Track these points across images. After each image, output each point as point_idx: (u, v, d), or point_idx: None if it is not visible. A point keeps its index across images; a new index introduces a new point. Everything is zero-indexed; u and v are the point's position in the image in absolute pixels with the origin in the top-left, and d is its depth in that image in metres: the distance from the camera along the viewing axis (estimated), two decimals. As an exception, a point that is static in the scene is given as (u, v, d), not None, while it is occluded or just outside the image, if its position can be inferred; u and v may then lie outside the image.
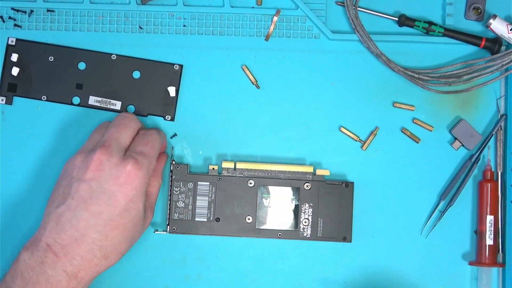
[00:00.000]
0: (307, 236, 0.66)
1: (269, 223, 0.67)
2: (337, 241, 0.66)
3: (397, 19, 0.68)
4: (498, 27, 0.67)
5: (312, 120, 0.69)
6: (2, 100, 0.68)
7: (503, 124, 0.68)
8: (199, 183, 0.66)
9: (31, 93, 0.68)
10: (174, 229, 0.66)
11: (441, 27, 0.68)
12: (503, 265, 0.67)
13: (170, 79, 0.69)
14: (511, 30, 0.67)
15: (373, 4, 0.69)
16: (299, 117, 0.69)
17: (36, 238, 0.58)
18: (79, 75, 0.69)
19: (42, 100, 0.68)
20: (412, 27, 0.68)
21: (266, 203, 0.67)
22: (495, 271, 0.68)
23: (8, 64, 0.69)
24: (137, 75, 0.69)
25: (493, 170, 0.68)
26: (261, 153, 0.68)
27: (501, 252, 0.67)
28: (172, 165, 0.66)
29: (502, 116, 0.68)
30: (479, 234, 0.67)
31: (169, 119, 0.68)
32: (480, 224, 0.67)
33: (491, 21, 0.67)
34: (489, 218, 0.66)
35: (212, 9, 0.69)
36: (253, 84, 0.69)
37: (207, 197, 0.66)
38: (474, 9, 0.69)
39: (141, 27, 0.69)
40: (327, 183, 0.67)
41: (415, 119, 0.68)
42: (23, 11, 0.69)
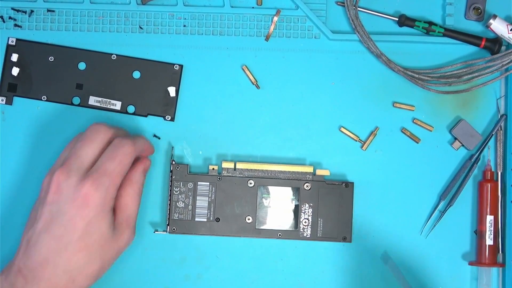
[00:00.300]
0: (307, 236, 0.67)
1: (269, 223, 0.67)
2: (337, 241, 0.66)
3: (397, 19, 0.68)
4: (498, 27, 0.67)
5: (312, 120, 0.69)
6: (2, 100, 0.68)
7: (503, 124, 0.68)
8: (199, 183, 0.66)
9: (31, 93, 0.69)
10: (174, 229, 0.66)
11: (441, 27, 0.68)
12: (503, 265, 0.67)
13: (170, 79, 0.69)
14: (511, 30, 0.67)
15: (373, 4, 0.69)
16: (299, 117, 0.69)
17: (11, 261, 0.58)
18: (79, 75, 0.69)
19: (42, 100, 0.68)
20: (412, 27, 0.68)
21: (266, 203, 0.67)
22: (495, 271, 0.68)
23: (8, 64, 0.69)
24: (137, 75, 0.69)
25: (493, 170, 0.68)
26: (261, 153, 0.68)
27: (501, 252, 0.67)
28: (172, 165, 0.66)
29: (502, 116, 0.68)
30: (479, 234, 0.67)
31: (169, 119, 0.68)
32: (480, 224, 0.67)
33: (491, 21, 0.67)
34: (489, 218, 0.67)
35: (212, 9, 0.69)
36: (253, 84, 0.69)
37: (207, 197, 0.66)
38: (474, 9, 0.69)
39: (141, 27, 0.69)
40: (327, 183, 0.67)
41: (415, 119, 0.68)
42: (23, 11, 0.69)
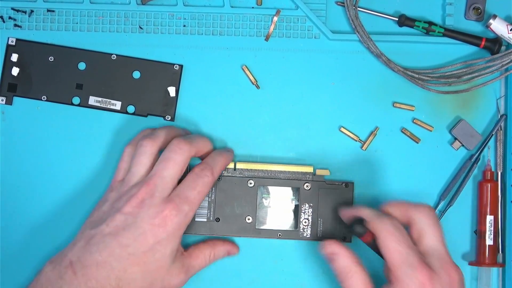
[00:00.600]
0: (307, 236, 0.67)
1: (269, 223, 0.67)
2: (337, 241, 0.66)
3: (397, 19, 0.68)
4: (498, 27, 0.67)
5: (312, 120, 0.69)
6: (2, 100, 0.68)
7: (503, 124, 0.68)
8: (199, 183, 0.66)
9: (31, 93, 0.68)
10: (174, 229, 0.66)
11: (441, 27, 0.68)
12: (503, 265, 0.67)
13: (170, 79, 0.69)
14: (511, 30, 0.67)
15: (373, 4, 0.69)
16: (299, 117, 0.69)
17: (62, 253, 0.59)
18: (79, 75, 0.69)
19: (42, 100, 0.68)
20: (412, 27, 0.68)
21: (266, 203, 0.67)
22: (495, 271, 0.68)
23: (8, 64, 0.69)
24: (137, 75, 0.69)
25: (493, 170, 0.68)
26: (261, 153, 0.68)
27: (501, 252, 0.67)
28: (172, 165, 0.66)
29: (502, 116, 0.68)
30: (479, 234, 0.67)
31: (169, 119, 0.68)
32: (480, 224, 0.67)
33: (491, 21, 0.67)
34: (489, 218, 0.67)
35: (212, 9, 0.69)
36: (253, 84, 0.69)
37: (207, 197, 0.66)
38: (474, 9, 0.69)
39: (141, 27, 0.69)
40: (327, 183, 0.67)
41: (415, 119, 0.68)
42: (23, 11, 0.69)
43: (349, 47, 0.69)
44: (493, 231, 0.66)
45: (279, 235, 0.67)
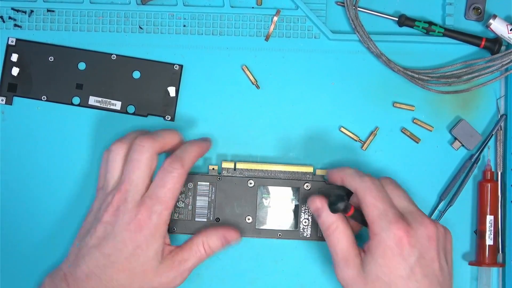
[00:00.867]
0: (307, 236, 0.67)
1: (269, 223, 0.67)
2: (337, 241, 0.66)
3: (397, 19, 0.68)
4: (498, 27, 0.67)
5: (312, 120, 0.69)
6: (2, 100, 0.68)
7: (503, 124, 0.68)
8: (199, 183, 0.67)
9: (31, 93, 0.69)
10: (174, 229, 0.66)
11: (441, 27, 0.68)
12: (503, 265, 0.67)
13: (170, 79, 0.69)
14: (511, 30, 0.67)
15: (373, 4, 0.69)
16: (299, 117, 0.68)
17: (59, 267, 0.60)
18: (79, 75, 0.69)
19: (42, 100, 0.68)
20: (412, 27, 0.68)
21: (266, 203, 0.67)
22: (495, 271, 0.68)
23: (8, 64, 0.69)
24: (137, 75, 0.69)
25: (493, 170, 0.68)
26: (261, 153, 0.68)
27: (501, 252, 0.67)
28: (172, 165, 0.66)
29: (502, 116, 0.68)
30: (479, 234, 0.67)
31: (169, 119, 0.68)
32: (480, 224, 0.67)
33: (491, 21, 0.67)
34: (489, 218, 0.66)
35: (212, 9, 0.69)
36: (253, 84, 0.69)
37: (207, 197, 0.66)
38: (474, 9, 0.69)
39: (141, 27, 0.69)
40: (327, 183, 0.67)
41: (415, 119, 0.68)
42: (23, 11, 0.69)
43: (349, 47, 0.69)
44: (493, 231, 0.66)
45: (279, 235, 0.67)
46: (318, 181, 0.67)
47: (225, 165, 0.67)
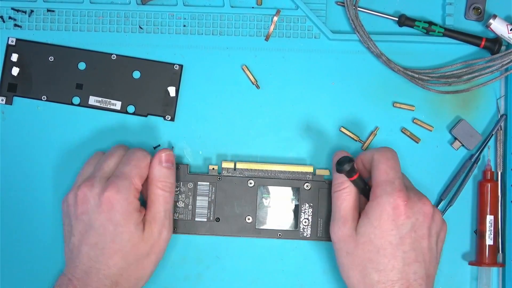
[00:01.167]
0: (307, 236, 0.67)
1: (269, 223, 0.67)
2: (337, 241, 0.66)
3: (397, 19, 0.68)
4: (498, 27, 0.67)
5: (312, 120, 0.69)
6: (2, 100, 0.68)
7: (503, 124, 0.68)
8: (199, 183, 0.67)
9: (31, 93, 0.68)
10: (174, 229, 0.66)
11: (441, 27, 0.68)
12: (503, 265, 0.67)
13: (170, 79, 0.69)
14: (511, 30, 0.67)
15: (373, 4, 0.69)
16: (299, 117, 0.69)
17: (63, 273, 0.61)
18: (79, 75, 0.69)
19: (42, 100, 0.68)
20: (412, 27, 0.68)
21: (266, 203, 0.67)
22: (495, 271, 0.68)
23: (8, 64, 0.69)
24: (137, 75, 0.69)
25: (493, 170, 0.68)
26: (261, 153, 0.68)
27: (501, 252, 0.67)
28: (172, 165, 0.66)
29: (502, 116, 0.68)
30: (479, 234, 0.67)
31: (169, 119, 0.68)
32: (480, 224, 0.67)
33: (491, 21, 0.67)
34: (489, 218, 0.67)
35: (212, 9, 0.69)
36: (253, 84, 0.69)
37: (207, 197, 0.66)
38: (474, 9, 0.69)
39: (141, 27, 0.69)
40: (327, 183, 0.67)
41: (415, 119, 0.68)
42: (23, 11, 0.69)
43: (349, 47, 0.69)
44: (493, 231, 0.66)
45: (279, 235, 0.67)
46: (318, 181, 0.67)
47: (225, 165, 0.67)
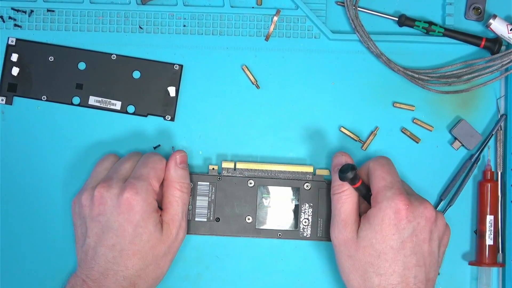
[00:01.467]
0: (307, 236, 0.67)
1: (269, 223, 0.67)
2: (337, 241, 0.66)
3: (397, 19, 0.68)
4: (498, 27, 0.67)
5: (312, 120, 0.69)
6: (2, 100, 0.68)
7: (503, 124, 0.68)
8: (199, 183, 0.67)
9: (31, 93, 0.68)
10: (174, 229, 0.66)
11: (441, 27, 0.68)
12: (503, 265, 0.67)
13: (170, 79, 0.69)
14: (511, 30, 0.67)
15: (373, 4, 0.69)
16: (299, 117, 0.68)
17: (75, 274, 0.61)
18: (79, 75, 0.69)
19: (42, 100, 0.68)
20: (412, 27, 0.68)
21: (266, 203, 0.67)
22: (495, 271, 0.68)
23: (8, 64, 0.69)
24: (137, 75, 0.69)
25: (493, 170, 0.68)
26: (261, 153, 0.68)
27: (501, 252, 0.67)
28: (172, 165, 0.66)
29: (502, 116, 0.68)
30: (479, 234, 0.67)
31: (169, 119, 0.68)
32: (480, 224, 0.67)
33: (491, 21, 0.67)
34: (489, 218, 0.66)
35: (212, 9, 0.69)
36: (253, 84, 0.69)
37: (207, 197, 0.66)
38: (474, 9, 0.69)
39: (141, 27, 0.69)
40: (327, 183, 0.67)
41: (415, 119, 0.68)
42: (23, 11, 0.69)
43: (349, 47, 0.69)
44: (493, 231, 0.66)
45: (279, 235, 0.67)
46: (318, 181, 0.67)
47: (225, 165, 0.67)
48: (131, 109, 0.69)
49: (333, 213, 0.62)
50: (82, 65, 0.69)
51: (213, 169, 0.67)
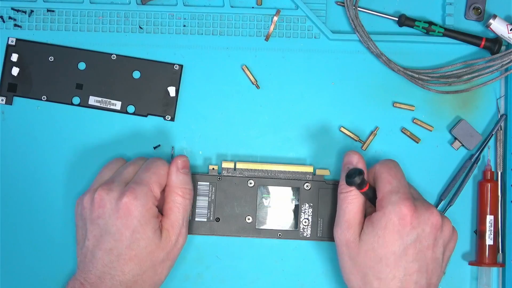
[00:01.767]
0: (307, 236, 0.67)
1: (269, 223, 0.67)
2: (337, 241, 0.66)
3: (397, 19, 0.68)
4: (498, 27, 0.67)
5: (312, 120, 0.69)
6: (2, 100, 0.68)
7: (503, 124, 0.68)
8: (199, 183, 0.67)
9: (31, 93, 0.68)
10: (174, 229, 0.66)
11: (441, 27, 0.68)
12: (503, 265, 0.67)
13: (170, 79, 0.69)
14: (511, 30, 0.67)
15: (373, 4, 0.69)
16: (299, 117, 0.69)
17: (74, 277, 0.60)
18: (79, 75, 0.69)
19: (42, 100, 0.68)
20: (412, 27, 0.68)
21: (266, 203, 0.67)
22: (495, 271, 0.68)
23: (8, 64, 0.69)
24: (137, 75, 0.69)
25: (493, 170, 0.68)
26: (261, 153, 0.68)
27: (501, 252, 0.67)
28: (172, 165, 0.66)
29: (502, 116, 0.68)
30: (479, 234, 0.67)
31: (169, 119, 0.68)
32: (480, 224, 0.67)
33: (491, 21, 0.67)
34: (489, 218, 0.66)
35: (212, 9, 0.69)
36: (253, 84, 0.69)
37: (207, 197, 0.66)
38: (474, 9, 0.69)
39: (141, 27, 0.69)
40: (327, 183, 0.67)
41: (415, 119, 0.68)
42: (23, 11, 0.69)
43: (349, 47, 0.69)
44: (493, 231, 0.66)
45: (279, 235, 0.67)
46: (318, 181, 0.67)
47: (225, 165, 0.67)
48: (131, 109, 0.69)
49: (338, 212, 0.61)
50: (82, 65, 0.69)
51: (213, 169, 0.67)
